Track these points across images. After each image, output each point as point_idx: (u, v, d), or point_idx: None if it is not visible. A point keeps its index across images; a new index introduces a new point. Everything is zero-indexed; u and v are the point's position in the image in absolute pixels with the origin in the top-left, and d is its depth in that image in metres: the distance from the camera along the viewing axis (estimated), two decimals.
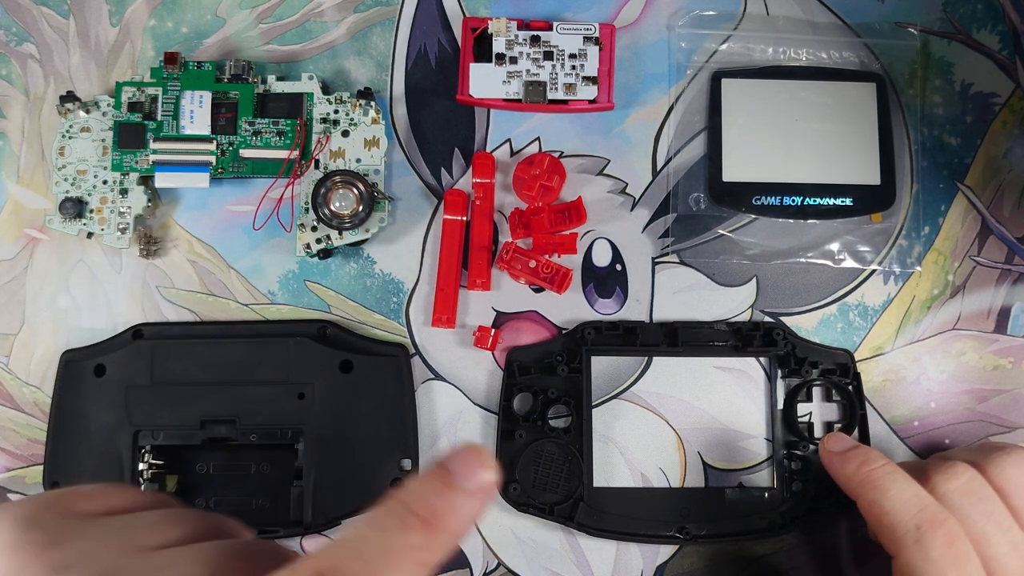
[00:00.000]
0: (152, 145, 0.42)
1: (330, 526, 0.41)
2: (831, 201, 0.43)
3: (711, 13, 0.44)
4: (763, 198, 0.43)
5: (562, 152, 0.44)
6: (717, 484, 0.42)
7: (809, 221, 0.43)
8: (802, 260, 0.43)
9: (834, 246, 0.43)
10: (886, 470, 0.35)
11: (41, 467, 0.42)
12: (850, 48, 0.44)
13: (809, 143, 0.43)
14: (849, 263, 0.43)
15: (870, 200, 0.43)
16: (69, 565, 0.24)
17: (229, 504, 0.42)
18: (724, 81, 0.43)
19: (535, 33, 0.42)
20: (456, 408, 0.43)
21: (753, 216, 0.43)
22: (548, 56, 0.42)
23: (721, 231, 0.43)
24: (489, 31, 0.42)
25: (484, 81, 0.42)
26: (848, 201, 0.43)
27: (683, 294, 0.43)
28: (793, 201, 0.43)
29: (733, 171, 0.43)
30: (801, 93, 0.43)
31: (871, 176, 0.43)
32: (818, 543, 0.42)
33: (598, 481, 0.42)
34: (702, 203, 0.43)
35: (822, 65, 0.44)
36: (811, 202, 0.43)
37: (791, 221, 0.43)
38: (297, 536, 0.42)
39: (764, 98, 0.43)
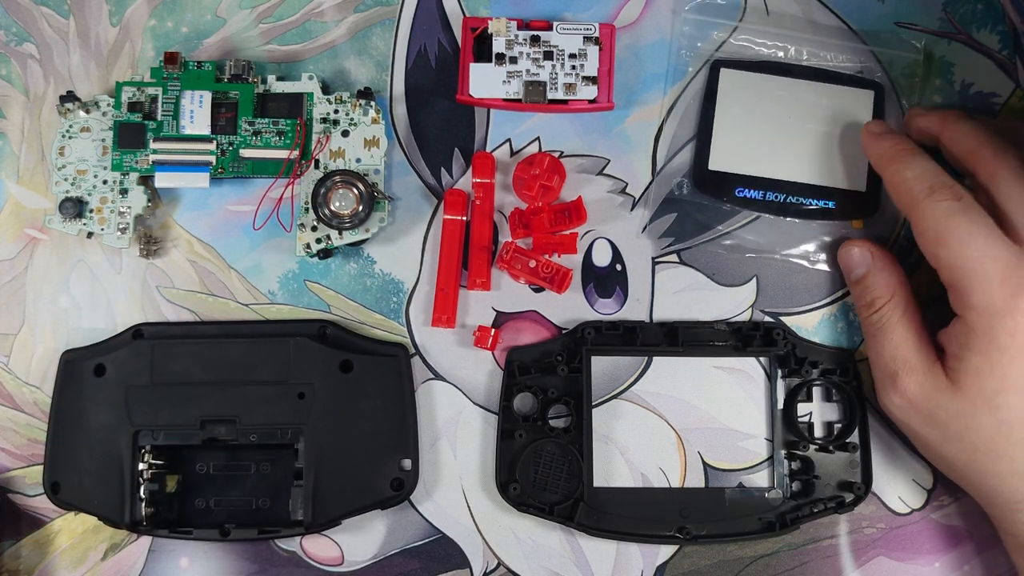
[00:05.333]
0: (152, 145, 0.42)
1: (330, 526, 0.41)
2: (814, 202, 0.42)
3: (720, 1, 0.44)
4: (746, 191, 0.42)
5: (562, 152, 0.44)
6: (717, 484, 0.42)
7: (788, 219, 0.43)
8: (777, 257, 0.43)
9: (810, 247, 0.43)
10: (914, 149, 0.39)
11: (41, 467, 0.42)
12: (852, 53, 0.44)
13: (800, 142, 0.43)
14: (822, 266, 0.43)
15: (853, 205, 0.42)
16: None
17: (229, 504, 0.42)
18: (723, 71, 0.43)
19: (535, 33, 0.42)
20: (456, 408, 0.43)
21: (734, 208, 0.43)
22: (548, 56, 0.42)
23: (707, 224, 0.43)
24: (489, 31, 0.42)
25: (484, 81, 0.42)
26: (831, 204, 0.42)
27: (683, 294, 0.43)
28: (776, 197, 0.42)
29: (720, 160, 0.43)
30: (798, 92, 0.43)
31: (858, 182, 0.42)
32: (818, 543, 0.42)
33: (598, 481, 0.42)
34: (684, 188, 0.43)
35: (823, 67, 0.43)
36: (793, 200, 0.42)
37: (784, 218, 0.43)
38: (297, 536, 0.42)
39: (760, 92, 0.43)
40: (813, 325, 0.43)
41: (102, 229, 0.42)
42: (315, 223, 0.42)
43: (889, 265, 0.40)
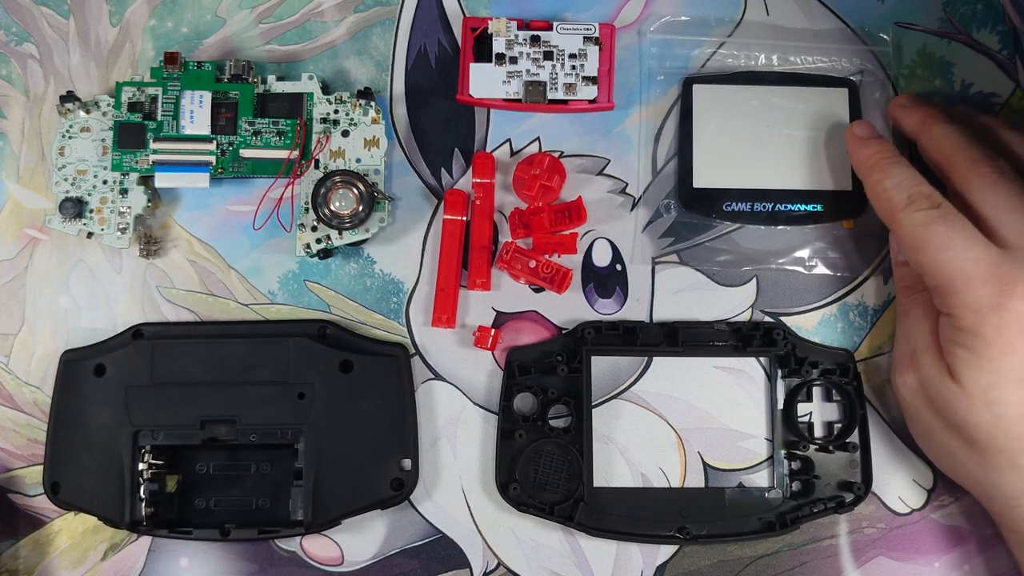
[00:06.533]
0: (152, 145, 0.42)
1: (330, 526, 0.41)
2: (802, 207, 0.42)
3: (684, 18, 0.44)
4: (733, 204, 0.42)
5: (562, 152, 0.44)
6: (717, 484, 0.42)
7: (779, 227, 0.43)
8: (773, 266, 0.43)
9: (804, 252, 0.43)
10: (895, 158, 0.39)
11: (41, 467, 0.42)
12: (823, 53, 0.43)
13: (781, 149, 0.43)
14: (821, 269, 0.43)
15: (841, 206, 0.42)
16: None
17: (229, 504, 0.42)
18: (696, 87, 0.43)
19: (535, 33, 0.42)
20: (456, 408, 0.43)
21: (723, 222, 0.43)
22: (548, 56, 0.42)
23: (695, 236, 0.43)
24: (489, 31, 0.42)
25: (484, 81, 0.42)
26: (819, 207, 0.42)
27: (683, 294, 0.43)
28: (764, 207, 0.42)
29: (704, 177, 0.43)
30: (773, 99, 0.43)
31: (843, 182, 0.42)
32: (818, 543, 0.42)
33: (598, 481, 0.42)
34: (672, 209, 0.43)
35: (795, 71, 0.43)
36: (782, 208, 0.42)
37: (775, 227, 0.43)
38: (297, 536, 0.42)
39: (736, 104, 0.43)
40: (813, 325, 0.43)
41: (102, 229, 0.42)
42: (315, 223, 0.42)
43: None
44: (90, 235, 0.42)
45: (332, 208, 0.41)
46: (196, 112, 0.41)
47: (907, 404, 0.39)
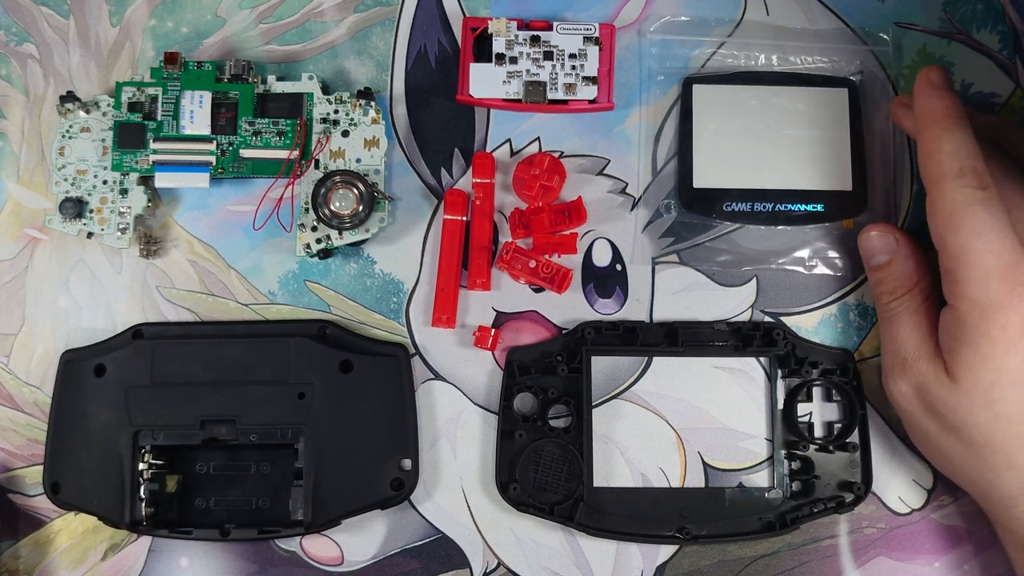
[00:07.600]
0: (152, 145, 0.42)
1: (330, 526, 0.41)
2: (802, 207, 0.42)
3: (684, 18, 0.44)
4: (734, 204, 0.42)
5: (562, 152, 0.44)
6: (717, 484, 0.42)
7: (779, 227, 0.43)
8: (773, 266, 0.43)
9: (804, 252, 0.43)
10: (961, 120, 0.36)
11: (41, 467, 0.42)
12: (822, 53, 0.43)
13: (781, 149, 0.43)
14: (821, 269, 0.43)
15: (842, 206, 0.42)
16: None
17: (229, 504, 0.42)
18: (696, 87, 0.43)
19: (535, 33, 0.42)
20: (456, 408, 0.43)
21: (723, 223, 0.43)
22: (548, 56, 0.42)
23: (695, 236, 0.43)
24: (489, 31, 0.42)
25: (484, 81, 0.42)
26: (819, 207, 0.42)
27: (683, 294, 0.43)
28: (764, 207, 0.42)
29: (704, 177, 0.43)
30: (773, 99, 0.43)
31: (843, 182, 0.42)
32: (818, 543, 0.42)
33: (598, 481, 0.42)
34: (672, 209, 0.43)
35: (795, 71, 0.43)
36: (782, 208, 0.42)
37: (775, 227, 0.43)
38: (297, 536, 0.42)
39: (735, 104, 0.43)
40: (813, 325, 0.43)
41: (102, 229, 0.42)
42: (315, 223, 0.42)
43: (914, 253, 0.39)
44: (90, 235, 0.42)
45: (332, 208, 0.41)
46: (196, 112, 0.41)
47: (902, 410, 0.39)
